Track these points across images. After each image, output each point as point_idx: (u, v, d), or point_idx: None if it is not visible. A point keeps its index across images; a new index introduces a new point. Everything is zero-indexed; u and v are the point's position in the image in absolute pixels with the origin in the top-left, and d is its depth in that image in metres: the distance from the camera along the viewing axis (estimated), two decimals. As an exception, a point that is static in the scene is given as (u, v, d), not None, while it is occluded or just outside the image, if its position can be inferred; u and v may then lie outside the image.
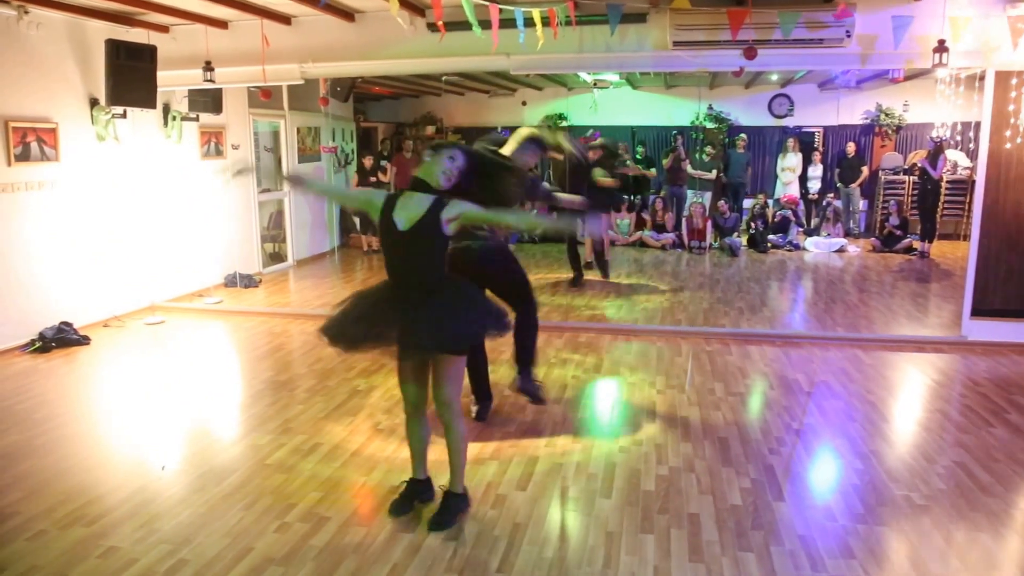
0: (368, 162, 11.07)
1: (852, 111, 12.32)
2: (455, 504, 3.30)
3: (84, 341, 6.22)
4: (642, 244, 11.41)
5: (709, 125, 12.65)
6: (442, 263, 3.12)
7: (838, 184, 11.82)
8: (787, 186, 11.80)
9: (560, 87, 12.76)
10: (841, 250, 10.87)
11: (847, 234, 11.51)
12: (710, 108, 12.62)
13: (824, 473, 3.81)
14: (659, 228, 11.42)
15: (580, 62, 6.47)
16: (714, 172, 11.84)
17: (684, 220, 11.22)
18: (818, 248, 10.96)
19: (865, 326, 6.68)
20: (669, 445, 4.07)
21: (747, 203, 11.93)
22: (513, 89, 13.32)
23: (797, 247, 11.10)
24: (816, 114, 12.45)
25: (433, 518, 3.25)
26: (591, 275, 8.86)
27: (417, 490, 3.41)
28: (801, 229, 11.45)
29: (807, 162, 11.89)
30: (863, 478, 3.70)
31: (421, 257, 3.05)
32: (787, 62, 6.32)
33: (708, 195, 11.74)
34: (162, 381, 5.31)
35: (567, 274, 8.83)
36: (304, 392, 4.97)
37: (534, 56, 6.12)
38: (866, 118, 12.31)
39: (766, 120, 12.69)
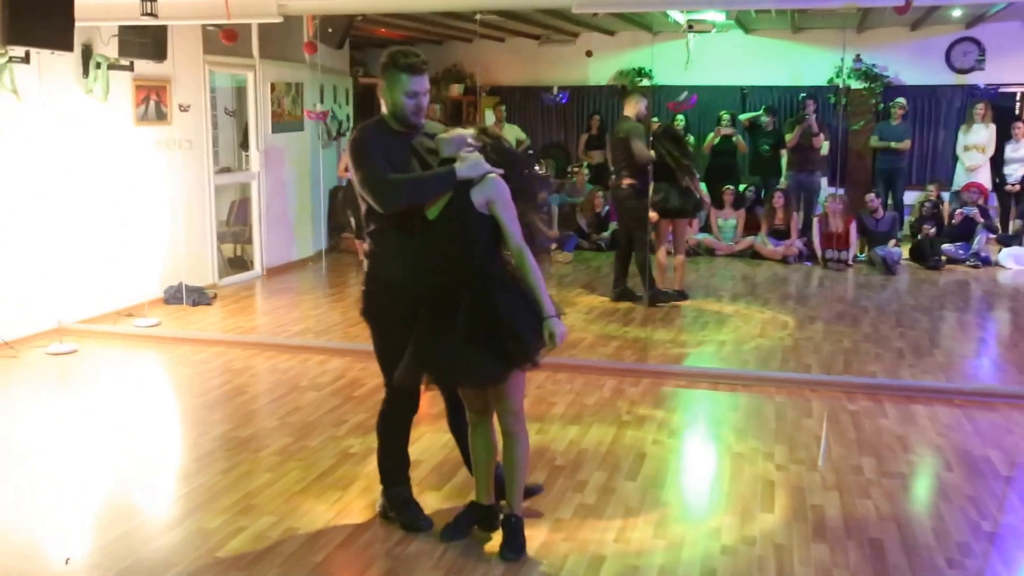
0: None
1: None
2: (518, 526, 3.88)
3: (-36, 376, 6.34)
4: (754, 254, 11.35)
5: (855, 84, 12.50)
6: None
7: (1053, 171, 11.58)
8: (972, 172, 11.66)
9: (641, 31, 12.77)
10: (1055, 267, 10.71)
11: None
12: (858, 60, 12.49)
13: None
14: (778, 233, 11.31)
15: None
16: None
17: (816, 221, 11.13)
18: (1019, 263, 10.78)
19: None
20: (795, 546, 4.00)
21: (910, 197, 11.72)
22: (574, 34, 13.37)
23: (986, 261, 10.94)
24: (1020, 66, 12.27)
25: (504, 549, 3.83)
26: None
27: (479, 516, 4.02)
28: (993, 235, 11.28)
29: (1003, 138, 11.70)
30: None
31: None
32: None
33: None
34: (70, 435, 5.35)
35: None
36: (273, 455, 4.97)
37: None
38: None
39: (942, 76, 12.54)
